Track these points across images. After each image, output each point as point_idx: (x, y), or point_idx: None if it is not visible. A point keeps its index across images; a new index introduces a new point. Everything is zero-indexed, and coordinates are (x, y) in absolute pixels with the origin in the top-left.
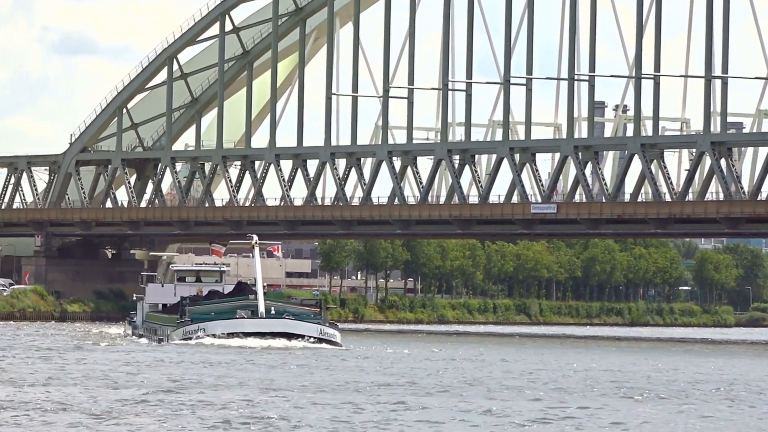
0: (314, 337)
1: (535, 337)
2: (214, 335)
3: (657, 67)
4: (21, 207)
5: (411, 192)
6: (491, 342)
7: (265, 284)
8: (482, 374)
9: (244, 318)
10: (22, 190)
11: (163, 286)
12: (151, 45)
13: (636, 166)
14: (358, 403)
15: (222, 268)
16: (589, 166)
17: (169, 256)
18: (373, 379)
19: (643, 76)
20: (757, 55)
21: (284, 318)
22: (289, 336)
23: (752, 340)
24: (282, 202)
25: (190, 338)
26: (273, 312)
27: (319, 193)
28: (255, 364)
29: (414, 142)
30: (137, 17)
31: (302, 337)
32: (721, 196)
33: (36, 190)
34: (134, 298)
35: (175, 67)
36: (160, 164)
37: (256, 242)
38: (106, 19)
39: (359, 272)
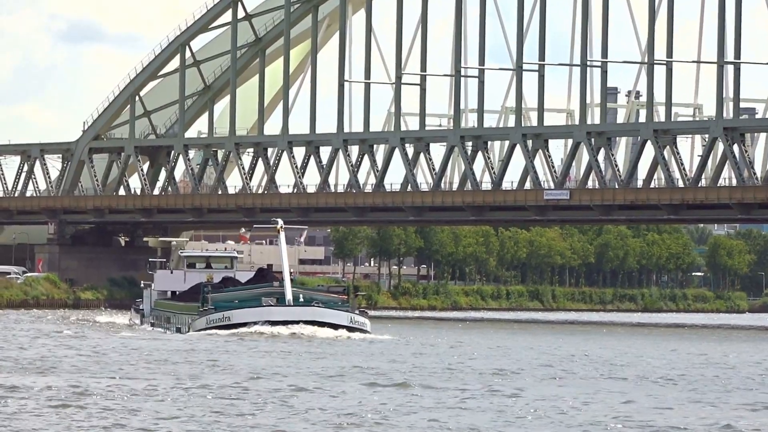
0: (345, 326)
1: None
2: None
3: (669, 53)
4: (34, 195)
5: (424, 178)
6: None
7: (292, 270)
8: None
9: (272, 306)
10: (35, 178)
11: (172, 272)
12: (158, 33)
13: (649, 152)
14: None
15: (233, 254)
16: (602, 152)
17: (179, 241)
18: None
19: (655, 61)
20: None
21: (313, 306)
22: (320, 324)
23: None
24: (295, 189)
25: (215, 327)
26: (301, 299)
27: (331, 180)
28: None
29: (427, 128)
30: (143, 5)
31: (337, 327)
32: (734, 182)
33: (49, 177)
34: (141, 285)
35: (188, 54)
36: (173, 152)
37: (281, 227)
38: (112, 7)
39: (372, 259)
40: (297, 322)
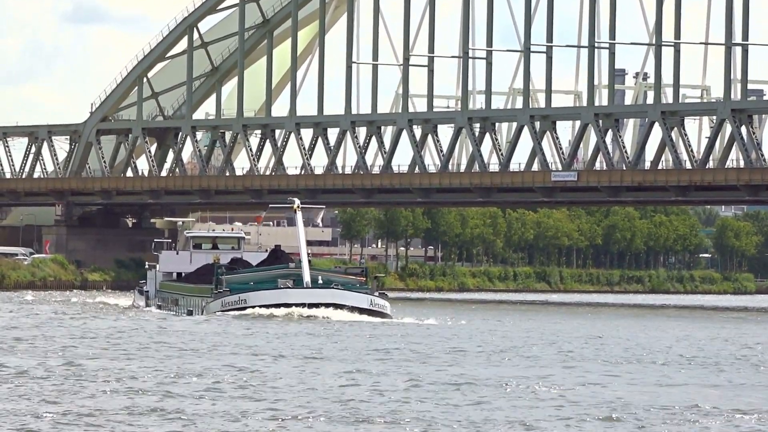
0: (364, 309)
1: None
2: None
3: (677, 35)
4: (42, 176)
5: (431, 160)
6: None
7: (309, 252)
8: None
9: (289, 288)
10: (42, 160)
11: (178, 253)
12: (162, 13)
13: (656, 133)
14: None
15: (240, 235)
16: (610, 133)
17: (186, 221)
18: None
19: (663, 43)
20: None
21: (332, 288)
22: (339, 307)
23: None
24: (302, 171)
25: (231, 309)
26: (320, 281)
27: (339, 161)
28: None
29: (434, 110)
30: None
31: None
32: (742, 164)
33: (57, 159)
34: (146, 266)
35: (195, 36)
36: (180, 133)
37: (298, 206)
38: None
39: (380, 240)
40: (317, 305)
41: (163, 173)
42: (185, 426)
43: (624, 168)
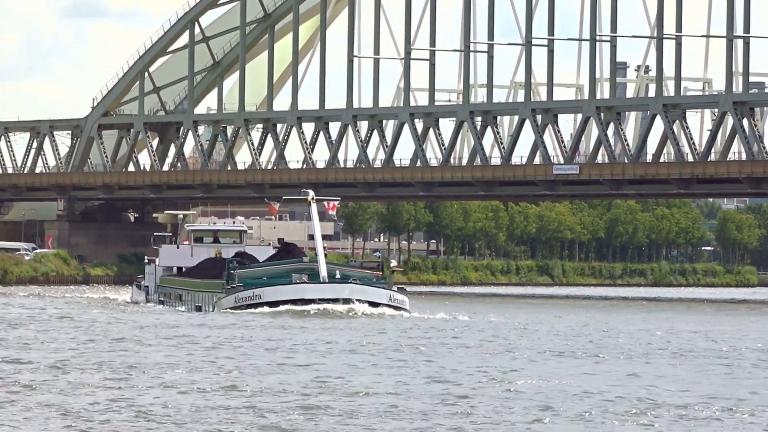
0: (383, 304)
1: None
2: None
3: (679, 27)
4: (43, 171)
5: (433, 154)
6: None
7: (325, 245)
8: None
9: (306, 283)
10: (44, 155)
11: (178, 247)
12: (163, 8)
13: (658, 126)
14: None
15: (242, 228)
16: (612, 126)
17: (186, 215)
18: None
19: (664, 36)
20: None
21: (351, 283)
22: (357, 303)
23: None
24: (304, 165)
25: (245, 305)
26: (338, 276)
27: (341, 155)
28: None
29: (436, 103)
30: None
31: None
32: (744, 156)
33: (58, 154)
34: (145, 261)
35: (197, 30)
36: (182, 128)
37: (312, 198)
38: None
39: (382, 234)
40: (336, 301)
41: (165, 168)
42: None
43: (626, 161)
